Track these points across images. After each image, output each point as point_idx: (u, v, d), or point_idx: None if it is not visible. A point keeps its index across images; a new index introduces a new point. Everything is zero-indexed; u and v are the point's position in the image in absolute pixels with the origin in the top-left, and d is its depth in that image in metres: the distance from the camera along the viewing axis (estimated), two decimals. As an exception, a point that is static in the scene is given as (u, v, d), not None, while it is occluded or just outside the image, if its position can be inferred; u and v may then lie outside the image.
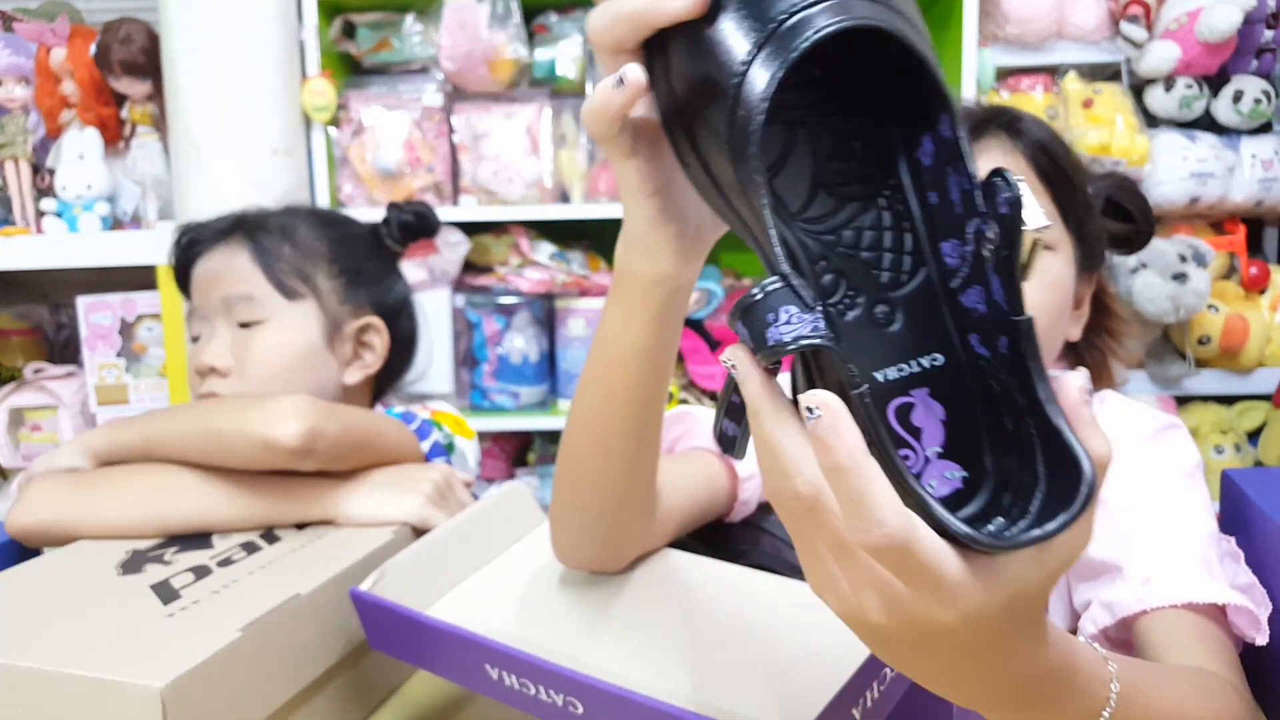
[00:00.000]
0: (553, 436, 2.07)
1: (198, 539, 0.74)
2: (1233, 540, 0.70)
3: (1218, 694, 0.53)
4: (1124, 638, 0.64)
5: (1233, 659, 0.61)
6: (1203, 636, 0.60)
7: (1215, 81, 1.70)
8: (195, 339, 0.92)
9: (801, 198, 0.37)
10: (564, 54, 1.80)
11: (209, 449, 0.77)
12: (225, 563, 0.69)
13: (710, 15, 0.34)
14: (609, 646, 0.58)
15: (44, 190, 1.80)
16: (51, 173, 1.78)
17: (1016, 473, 0.33)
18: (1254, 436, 1.78)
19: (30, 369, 1.87)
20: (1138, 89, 1.73)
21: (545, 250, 1.83)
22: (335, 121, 1.78)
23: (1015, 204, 0.32)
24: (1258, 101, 1.67)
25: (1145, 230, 0.84)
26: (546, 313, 1.93)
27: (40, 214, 1.78)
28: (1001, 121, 0.75)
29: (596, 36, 0.39)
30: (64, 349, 2.04)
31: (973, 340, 0.35)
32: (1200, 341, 1.72)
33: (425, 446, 0.92)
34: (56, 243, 1.74)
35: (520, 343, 1.88)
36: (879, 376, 0.34)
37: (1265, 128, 1.74)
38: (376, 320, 0.95)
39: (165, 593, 0.63)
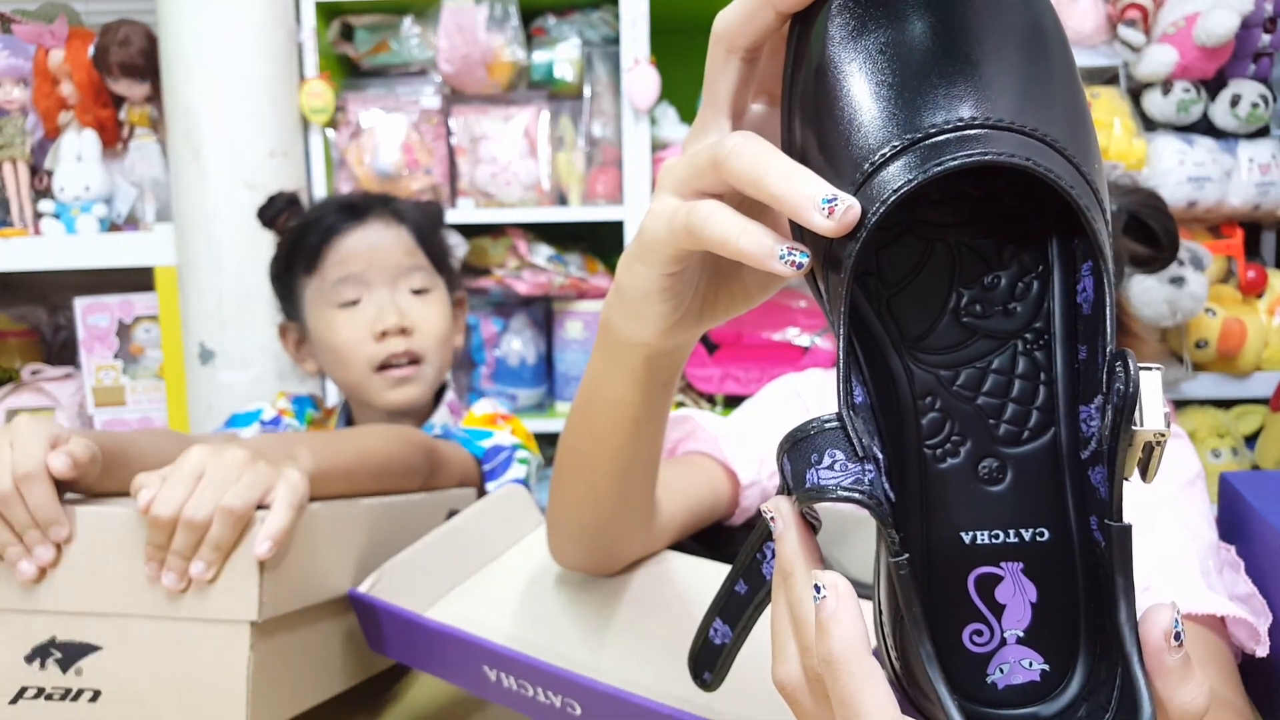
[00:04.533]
0: (550, 439, 2.06)
1: None
2: (1233, 549, 0.69)
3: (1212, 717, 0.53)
4: None
5: (1230, 672, 0.60)
6: (1203, 650, 0.60)
7: (1213, 85, 1.70)
8: (351, 304, 1.00)
9: (925, 322, 0.32)
10: (562, 56, 1.79)
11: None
12: None
13: (862, 83, 0.30)
14: (607, 649, 0.58)
15: (42, 192, 1.80)
16: (49, 174, 1.78)
17: (1105, 687, 0.29)
18: (1251, 440, 1.78)
19: (27, 370, 1.87)
20: (1135, 93, 1.73)
21: (543, 253, 1.82)
22: (333, 124, 1.78)
23: (1126, 398, 0.28)
24: (1255, 106, 1.67)
25: (1169, 254, 0.81)
26: (544, 315, 1.93)
27: (38, 215, 1.77)
28: None
29: (729, 30, 0.35)
30: (61, 350, 2.04)
31: (1092, 523, 0.30)
32: (1198, 345, 1.72)
33: (508, 476, 0.97)
34: (54, 244, 1.74)
35: (518, 345, 1.88)
36: (965, 538, 0.31)
37: (1263, 132, 1.74)
38: (463, 294, 1.12)
39: None
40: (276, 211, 1.08)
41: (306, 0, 1.72)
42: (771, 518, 0.30)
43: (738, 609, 0.32)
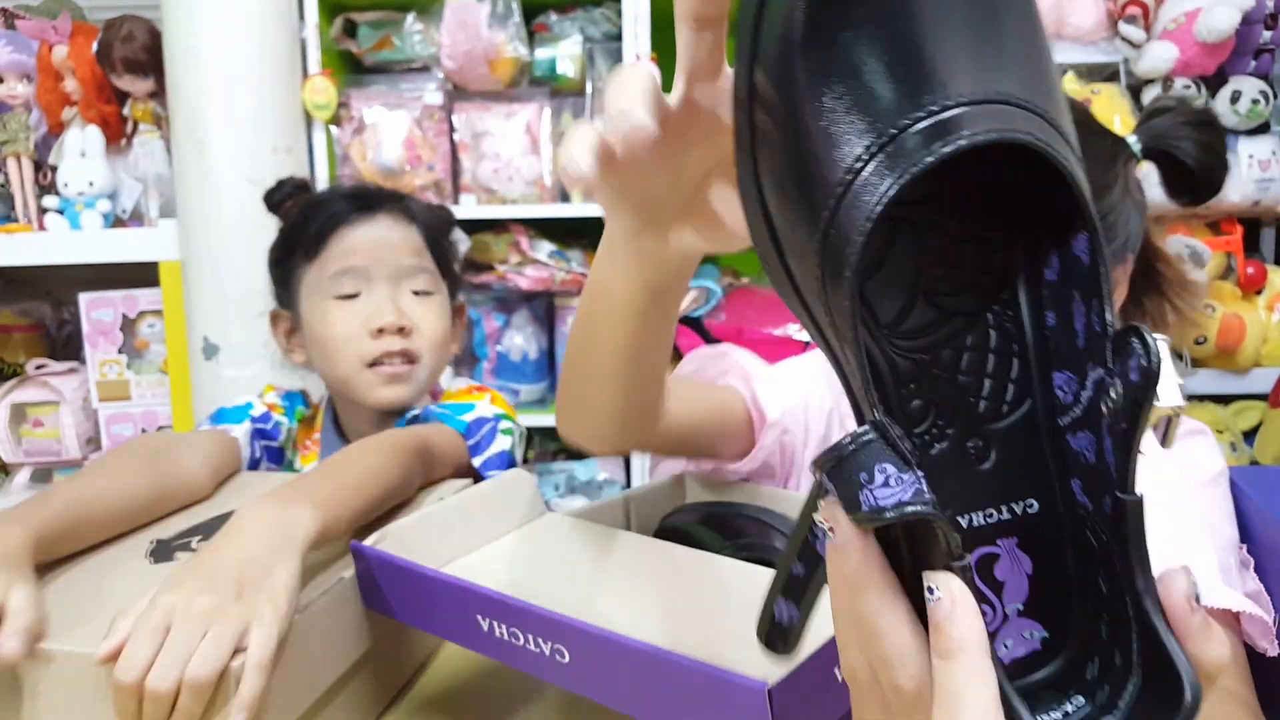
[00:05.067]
0: (552, 434, 2.07)
1: (220, 526, 0.75)
2: (1244, 547, 0.69)
3: (1219, 711, 0.53)
4: None
5: (1243, 669, 0.61)
6: None
7: (1213, 82, 1.71)
8: (348, 297, 0.98)
9: (897, 307, 0.31)
10: (564, 53, 1.80)
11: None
12: None
13: (835, 72, 0.28)
14: (601, 609, 0.58)
15: (46, 187, 1.81)
16: (53, 170, 1.79)
17: (1107, 645, 0.29)
18: (1250, 436, 1.78)
19: (32, 365, 1.87)
20: (1135, 89, 1.73)
21: (545, 248, 1.83)
22: (336, 120, 1.79)
23: (1149, 375, 0.27)
24: (1255, 102, 1.68)
25: (1207, 183, 0.73)
26: (546, 311, 1.93)
27: (42, 211, 1.78)
28: None
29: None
30: (66, 345, 2.05)
31: (1075, 486, 0.30)
32: (1197, 341, 1.73)
33: (494, 450, 0.95)
34: (58, 239, 1.75)
35: (520, 340, 1.89)
36: (962, 522, 0.30)
37: (1263, 128, 1.75)
38: (463, 302, 1.10)
39: None
40: (284, 196, 1.06)
41: (309, -4, 1.73)
42: (829, 529, 0.29)
43: (799, 589, 0.32)
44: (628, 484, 1.88)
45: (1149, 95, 1.71)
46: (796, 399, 0.79)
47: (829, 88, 0.28)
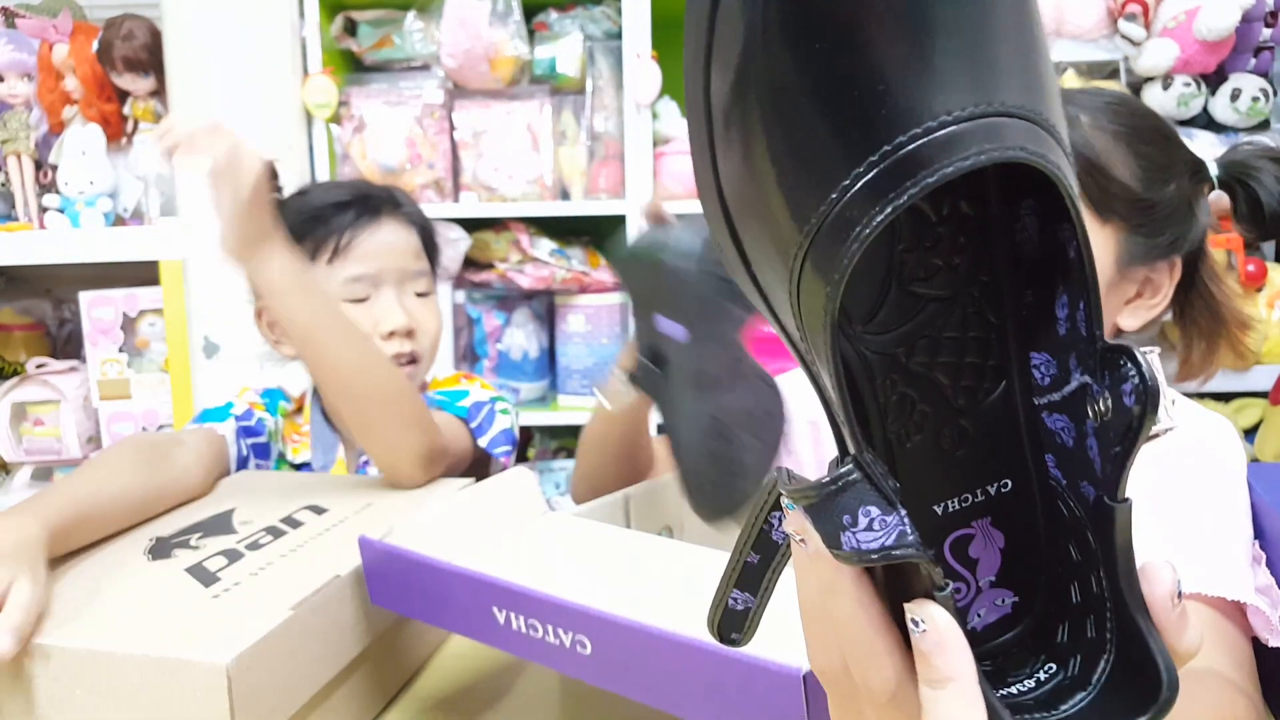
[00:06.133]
0: (553, 432, 2.07)
1: (219, 524, 0.76)
2: (1256, 543, 0.69)
3: (1213, 698, 0.53)
4: None
5: (1244, 658, 0.61)
6: (1216, 634, 0.61)
7: (1213, 80, 1.71)
8: (359, 300, 1.02)
9: (871, 300, 0.29)
10: (564, 51, 1.80)
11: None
12: (254, 546, 0.70)
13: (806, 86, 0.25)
14: (609, 604, 0.58)
15: (46, 186, 1.81)
16: (54, 168, 1.79)
17: (1078, 611, 0.29)
18: (1250, 433, 1.79)
19: (33, 364, 1.88)
20: (1136, 87, 1.73)
21: (545, 247, 1.83)
22: (336, 118, 1.79)
23: (1146, 400, 0.26)
24: (1255, 100, 1.68)
25: (1270, 231, 0.75)
26: (546, 309, 1.94)
27: (43, 209, 1.78)
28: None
29: None
30: (66, 344, 2.05)
31: (1049, 461, 0.30)
32: (1197, 339, 1.73)
33: (496, 429, 1.02)
34: (59, 238, 1.75)
35: (520, 339, 1.89)
36: (938, 510, 0.30)
37: (1263, 126, 1.75)
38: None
39: (203, 576, 0.65)
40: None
41: (310, -5, 1.73)
42: (800, 540, 0.28)
43: (754, 577, 0.32)
44: (628, 482, 1.88)
45: (1149, 93, 1.71)
46: None
47: (799, 102, 0.25)
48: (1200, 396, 1.78)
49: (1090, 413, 0.28)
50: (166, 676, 0.53)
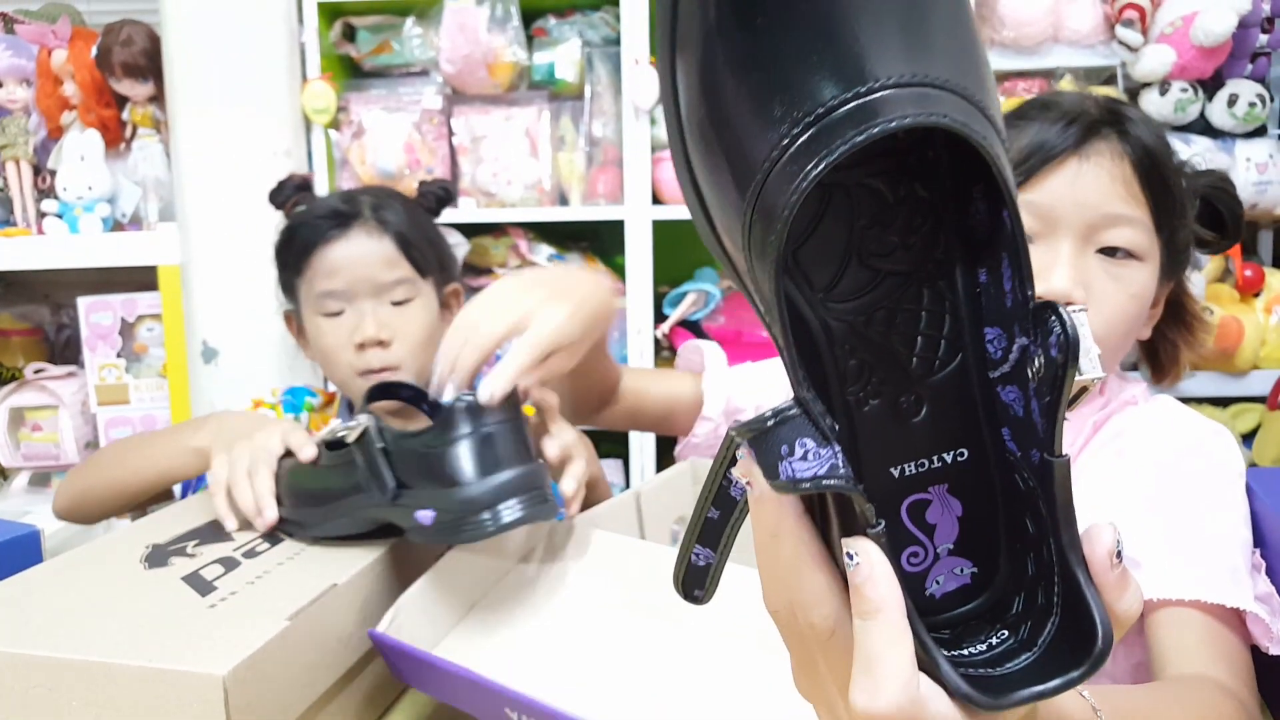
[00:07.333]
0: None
1: (214, 533, 0.75)
2: (1257, 551, 0.69)
3: (1209, 707, 0.53)
4: (1136, 625, 0.64)
5: (1242, 666, 0.61)
6: (1213, 640, 0.61)
7: (1210, 85, 1.71)
8: (334, 314, 1.03)
9: (831, 270, 0.32)
10: (563, 57, 1.80)
11: None
12: (250, 554, 0.70)
13: (752, 52, 0.28)
14: (621, 689, 0.58)
15: (45, 191, 1.81)
16: (53, 174, 1.79)
17: (1032, 582, 0.31)
18: (1249, 438, 1.79)
19: (31, 369, 1.87)
20: (1133, 92, 1.74)
21: (544, 252, 1.83)
22: (335, 124, 1.79)
23: (1068, 350, 0.28)
24: (1252, 105, 1.68)
25: (1234, 237, 0.80)
26: (545, 314, 1.93)
27: (41, 215, 1.78)
28: (1114, 122, 0.72)
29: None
30: (65, 349, 2.05)
31: (1004, 434, 0.31)
32: (1195, 344, 1.73)
33: None
34: (57, 243, 1.75)
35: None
36: (894, 472, 0.32)
37: (1260, 131, 1.75)
38: (458, 285, 1.13)
39: (199, 585, 0.64)
40: (286, 196, 1.09)
41: (308, 1, 1.73)
42: (747, 483, 0.30)
43: (714, 533, 0.33)
44: (626, 484, 1.88)
45: (1146, 98, 1.71)
46: (746, 400, 0.95)
47: (750, 71, 0.28)
48: (1198, 402, 1.79)
49: (1029, 374, 0.30)
50: (163, 688, 0.53)
